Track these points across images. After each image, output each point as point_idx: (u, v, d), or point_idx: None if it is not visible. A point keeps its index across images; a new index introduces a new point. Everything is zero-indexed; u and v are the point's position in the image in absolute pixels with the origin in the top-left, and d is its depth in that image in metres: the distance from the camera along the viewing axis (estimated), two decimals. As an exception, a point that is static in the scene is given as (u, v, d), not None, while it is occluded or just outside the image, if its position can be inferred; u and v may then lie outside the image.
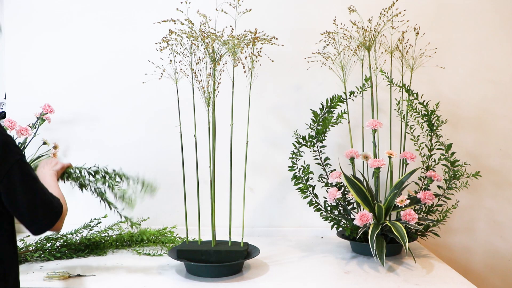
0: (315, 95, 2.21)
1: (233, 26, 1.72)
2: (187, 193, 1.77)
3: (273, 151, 2.26)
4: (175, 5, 1.69)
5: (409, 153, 1.94)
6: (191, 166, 1.78)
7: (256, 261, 1.83)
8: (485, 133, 2.31)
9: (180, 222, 2.05)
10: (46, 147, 2.15)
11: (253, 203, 2.24)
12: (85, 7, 2.22)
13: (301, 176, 1.99)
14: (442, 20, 2.27)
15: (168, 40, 1.69)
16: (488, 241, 2.33)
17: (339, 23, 2.06)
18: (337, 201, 1.94)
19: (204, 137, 1.76)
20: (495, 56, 2.29)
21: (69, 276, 1.63)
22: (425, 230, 1.98)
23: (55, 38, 2.22)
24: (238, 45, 1.66)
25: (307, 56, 2.14)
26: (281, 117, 2.27)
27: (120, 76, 2.24)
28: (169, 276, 1.67)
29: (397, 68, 2.11)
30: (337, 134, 2.19)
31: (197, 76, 1.71)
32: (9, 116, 2.19)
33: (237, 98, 1.75)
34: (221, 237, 1.82)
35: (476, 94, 2.29)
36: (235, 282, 1.62)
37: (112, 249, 1.97)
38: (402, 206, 1.82)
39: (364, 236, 1.85)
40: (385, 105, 2.11)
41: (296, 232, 2.26)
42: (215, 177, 1.75)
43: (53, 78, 2.23)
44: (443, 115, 2.07)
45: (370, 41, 2.00)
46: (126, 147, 2.25)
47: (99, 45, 2.23)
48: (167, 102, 1.94)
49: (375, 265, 1.78)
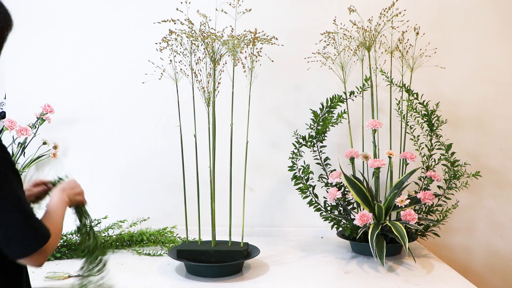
0: (315, 95, 2.21)
1: (233, 26, 1.72)
2: (187, 193, 1.77)
3: (273, 151, 2.26)
4: (175, 5, 1.69)
5: (409, 153, 1.94)
6: (191, 166, 1.78)
7: (256, 261, 1.83)
8: (485, 133, 2.30)
9: (180, 222, 2.04)
10: (46, 147, 2.15)
11: (253, 203, 2.24)
12: (85, 7, 2.22)
13: (301, 176, 1.99)
14: (442, 20, 2.27)
15: (168, 40, 1.69)
16: (488, 241, 2.33)
17: (339, 23, 2.06)
18: (337, 201, 1.94)
19: (204, 137, 1.76)
20: (495, 56, 2.29)
21: (69, 276, 1.63)
22: (425, 230, 1.98)
23: (55, 37, 2.22)
24: (238, 45, 1.66)
25: (307, 56, 2.14)
26: (281, 117, 2.27)
27: (120, 76, 2.24)
28: (169, 276, 1.67)
29: (397, 68, 2.11)
30: (337, 134, 2.19)
31: (197, 76, 1.71)
32: (9, 116, 2.19)
33: (237, 98, 1.75)
34: (221, 237, 1.82)
35: (476, 94, 2.29)
36: (235, 282, 1.62)
37: (112, 249, 1.97)
38: (402, 206, 1.82)
39: (364, 236, 1.85)
40: (385, 105, 2.11)
41: (296, 232, 2.26)
42: (215, 177, 1.75)
43: (53, 78, 2.23)
44: (443, 115, 2.07)
45: (370, 41, 2.00)
46: (126, 147, 2.25)
47: (99, 45, 2.23)
48: (167, 102, 1.94)
49: (375, 265, 1.78)
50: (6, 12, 1.04)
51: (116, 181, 2.25)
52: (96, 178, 2.23)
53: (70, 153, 2.24)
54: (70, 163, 2.24)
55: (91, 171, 2.23)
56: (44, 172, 2.22)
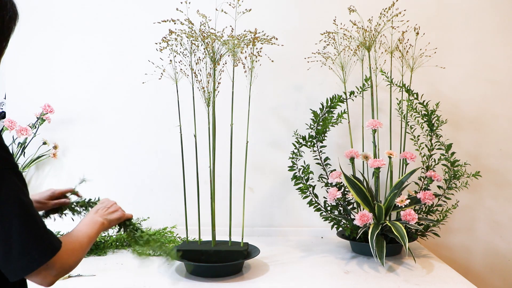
0: (315, 95, 2.21)
1: (233, 26, 1.72)
2: (187, 193, 1.77)
3: (273, 151, 2.26)
4: (175, 5, 1.69)
5: (409, 153, 1.94)
6: (191, 166, 1.78)
7: (256, 261, 1.83)
8: (485, 133, 2.31)
9: (180, 222, 2.04)
10: (46, 147, 2.15)
11: (253, 203, 2.24)
12: (85, 7, 2.22)
13: (301, 176, 1.99)
14: (442, 20, 2.27)
15: (168, 40, 1.69)
16: (488, 241, 2.33)
17: (339, 23, 2.06)
18: (337, 201, 1.94)
19: (204, 137, 1.76)
20: (495, 56, 2.29)
21: (69, 276, 1.63)
22: (425, 230, 1.98)
23: (55, 37, 2.22)
24: (238, 45, 1.66)
25: (307, 56, 2.14)
26: (281, 117, 2.27)
27: (120, 76, 2.24)
28: (169, 276, 1.67)
29: (397, 68, 2.11)
30: (337, 134, 2.19)
31: (197, 76, 1.71)
32: (9, 116, 2.19)
33: (237, 98, 1.75)
34: (221, 237, 1.82)
35: (476, 94, 2.29)
36: (235, 282, 1.62)
37: (112, 249, 1.97)
38: (402, 206, 1.82)
39: (364, 236, 1.85)
40: (385, 105, 2.11)
41: (296, 232, 2.26)
42: (215, 177, 1.75)
43: (53, 78, 2.23)
44: (443, 115, 2.07)
45: (370, 41, 1.99)
46: (126, 147, 2.25)
47: (99, 45, 2.23)
48: (167, 102, 1.94)
49: (375, 265, 1.78)
50: (13, 3, 0.96)
51: (116, 181, 2.25)
52: (96, 178, 2.22)
53: (70, 153, 2.24)
54: (70, 163, 2.24)
55: (91, 171, 2.22)
56: (44, 172, 2.22)
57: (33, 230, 0.85)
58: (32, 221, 0.85)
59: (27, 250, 0.83)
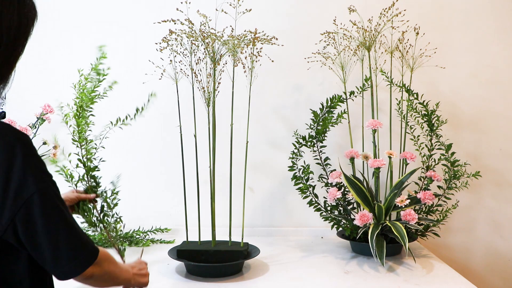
0: (315, 95, 2.21)
1: (233, 26, 1.72)
2: (187, 193, 1.77)
3: (273, 151, 2.26)
4: (175, 5, 1.69)
5: (409, 153, 1.94)
6: (191, 166, 1.78)
7: (256, 261, 1.83)
8: (485, 133, 2.31)
9: (180, 222, 2.04)
10: (46, 147, 2.15)
11: (253, 203, 2.24)
12: (85, 7, 2.22)
13: (301, 176, 1.99)
14: (442, 20, 2.27)
15: (168, 40, 1.69)
16: (488, 241, 2.33)
17: (339, 23, 2.06)
18: (337, 201, 1.94)
19: (204, 137, 1.76)
20: (495, 56, 2.29)
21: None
22: (425, 230, 1.98)
23: (54, 37, 2.21)
24: (238, 45, 1.66)
25: (307, 56, 2.14)
26: (281, 117, 2.27)
27: (119, 76, 2.23)
28: (169, 276, 1.67)
29: (397, 68, 2.11)
30: (337, 134, 2.19)
31: (197, 76, 1.71)
32: (9, 116, 2.19)
33: (237, 98, 1.75)
34: (221, 237, 1.82)
35: (476, 94, 2.29)
36: (235, 282, 1.62)
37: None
38: (402, 206, 1.82)
39: (364, 236, 1.85)
40: (385, 105, 2.11)
41: (296, 232, 2.26)
42: (215, 177, 1.75)
43: (53, 78, 2.23)
44: (443, 115, 2.07)
45: (370, 41, 2.00)
46: (126, 147, 2.25)
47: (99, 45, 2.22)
48: (167, 102, 1.94)
49: (375, 265, 1.78)
50: (34, 5, 0.99)
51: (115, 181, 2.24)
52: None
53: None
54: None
55: (91, 171, 2.22)
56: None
57: (79, 237, 0.94)
58: (74, 229, 0.94)
59: (76, 255, 0.93)
